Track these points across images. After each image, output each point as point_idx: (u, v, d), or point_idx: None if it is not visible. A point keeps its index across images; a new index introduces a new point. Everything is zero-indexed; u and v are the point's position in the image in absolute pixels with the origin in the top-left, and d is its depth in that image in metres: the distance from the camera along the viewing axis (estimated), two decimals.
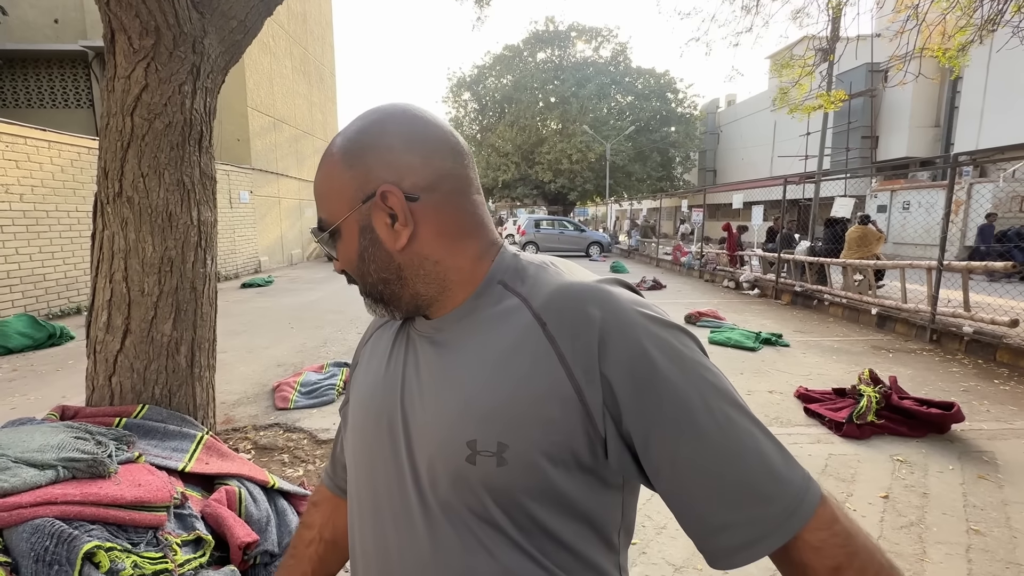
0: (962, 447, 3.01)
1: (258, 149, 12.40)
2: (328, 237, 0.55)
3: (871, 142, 17.01)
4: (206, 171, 2.28)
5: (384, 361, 0.59)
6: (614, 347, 0.45)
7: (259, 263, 12.40)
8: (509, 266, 0.54)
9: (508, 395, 0.47)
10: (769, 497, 0.43)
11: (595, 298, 0.47)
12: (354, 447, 0.59)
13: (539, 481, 0.46)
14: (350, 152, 0.52)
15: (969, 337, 4.94)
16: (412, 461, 0.51)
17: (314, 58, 16.38)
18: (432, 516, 0.50)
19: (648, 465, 0.46)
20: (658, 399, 0.44)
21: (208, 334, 2.31)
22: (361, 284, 0.56)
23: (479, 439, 0.47)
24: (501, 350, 0.49)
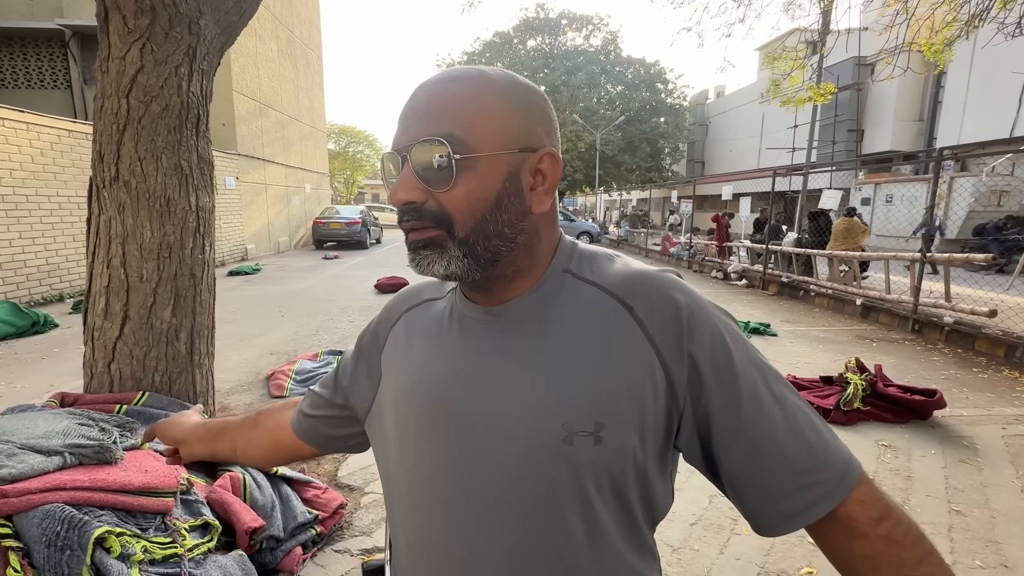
0: (943, 432, 3.12)
1: (244, 134, 12.15)
2: (454, 160, 0.46)
3: (857, 135, 17.24)
4: (204, 155, 2.25)
5: (434, 348, 0.56)
6: (698, 330, 0.49)
7: (246, 251, 12.22)
8: (572, 255, 0.56)
9: (602, 376, 0.48)
10: (825, 463, 0.48)
11: (675, 285, 0.51)
12: (406, 438, 0.55)
13: (630, 459, 0.49)
14: (517, 96, 0.50)
15: (949, 327, 5.10)
16: (496, 451, 0.50)
17: (300, 41, 16.04)
18: (523, 504, 0.49)
19: (718, 440, 0.49)
20: (733, 378, 0.49)
21: (207, 321, 2.29)
22: (468, 230, 0.48)
23: (575, 421, 0.47)
24: (588, 334, 0.50)
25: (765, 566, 1.95)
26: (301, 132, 16.20)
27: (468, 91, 0.48)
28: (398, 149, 0.49)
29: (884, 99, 16.45)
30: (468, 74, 0.50)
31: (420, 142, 0.47)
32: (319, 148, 18.47)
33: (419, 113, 0.49)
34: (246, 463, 0.77)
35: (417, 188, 0.48)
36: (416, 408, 0.54)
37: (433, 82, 0.50)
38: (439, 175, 0.47)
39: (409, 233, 0.51)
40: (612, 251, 0.58)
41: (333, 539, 2.01)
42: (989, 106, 12.90)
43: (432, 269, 0.50)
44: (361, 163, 37.95)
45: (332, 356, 4.19)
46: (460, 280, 0.52)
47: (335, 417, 0.68)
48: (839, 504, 0.48)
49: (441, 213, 0.49)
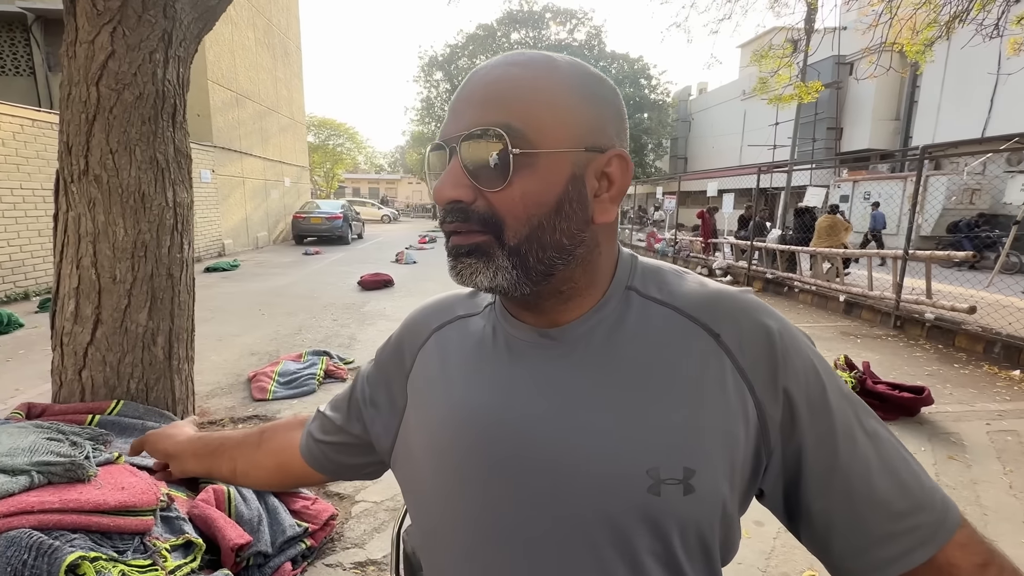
0: (931, 429, 3.16)
1: (220, 126, 11.78)
2: (511, 155, 0.40)
3: (836, 133, 17.55)
4: (181, 148, 2.12)
5: (478, 375, 0.48)
6: (793, 362, 0.44)
7: (223, 246, 11.88)
8: (633, 269, 0.49)
9: (690, 414, 0.42)
10: (922, 504, 0.44)
11: (763, 309, 0.46)
12: (450, 479, 0.47)
13: (719, 509, 0.43)
14: (587, 87, 0.43)
15: (930, 323, 5.19)
16: (566, 501, 0.42)
17: (278, 30, 15.60)
18: (601, 564, 0.42)
19: (808, 483, 0.44)
20: (828, 415, 0.44)
21: (186, 324, 2.17)
22: (521, 237, 0.42)
23: (661, 466, 0.41)
24: (669, 364, 0.44)
25: (767, 570, 1.92)
26: (279, 124, 15.79)
27: (531, 78, 0.42)
28: (446, 140, 0.43)
29: (862, 98, 16.76)
30: (532, 59, 0.43)
31: (472, 133, 0.41)
32: (298, 141, 18.05)
33: (473, 100, 0.42)
34: (247, 485, 0.70)
35: (465, 185, 0.42)
36: (464, 447, 0.46)
37: (492, 66, 0.43)
38: (492, 172, 0.41)
39: (451, 236, 0.44)
40: (675, 266, 0.52)
41: (324, 552, 1.92)
42: (962, 106, 13.24)
43: (475, 280, 0.43)
44: (341, 156, 37.29)
45: (317, 357, 4.06)
46: (505, 294, 0.45)
47: (349, 444, 0.60)
48: (939, 550, 0.43)
49: (491, 216, 0.42)
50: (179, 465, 0.73)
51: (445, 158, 0.43)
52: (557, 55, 0.44)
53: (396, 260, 10.98)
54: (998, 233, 9.44)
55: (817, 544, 0.46)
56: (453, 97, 0.45)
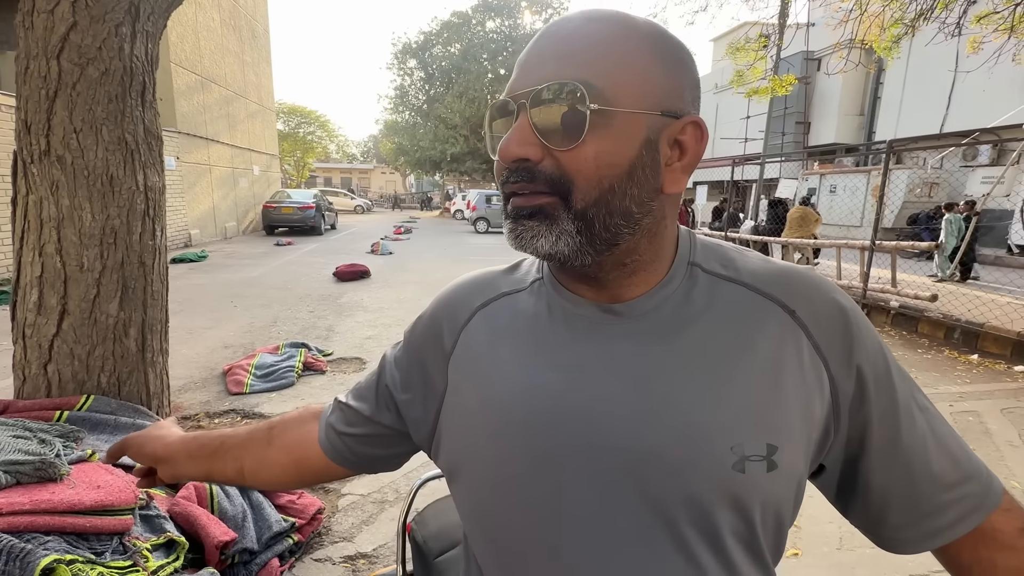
0: None
1: (184, 111, 11.28)
2: (588, 111, 0.38)
3: (804, 128, 18.03)
4: (151, 129, 2.01)
5: (539, 355, 0.45)
6: (863, 338, 0.44)
7: (189, 236, 11.44)
8: (693, 244, 0.48)
9: (770, 390, 0.41)
10: (969, 475, 0.45)
11: (834, 287, 0.46)
12: (513, 466, 0.44)
13: (796, 485, 0.42)
14: (666, 49, 0.41)
15: (895, 311, 5.41)
16: (649, 481, 0.41)
17: (245, 12, 15.00)
18: (684, 543, 0.41)
19: (871, 457, 0.45)
20: (892, 391, 0.45)
21: (160, 315, 2.07)
22: (589, 200, 0.40)
23: (745, 443, 0.40)
24: (743, 340, 0.43)
25: None
26: (248, 110, 15.24)
27: (610, 34, 0.40)
28: (514, 96, 0.40)
29: (829, 93, 17.24)
30: (610, 16, 0.41)
31: (546, 87, 0.38)
32: (267, 127, 17.47)
33: (546, 54, 0.39)
34: (258, 486, 0.65)
35: (534, 144, 0.39)
36: (530, 433, 0.44)
37: (568, 20, 0.41)
38: (566, 129, 0.38)
39: (512, 198, 0.42)
40: (731, 243, 0.51)
41: (312, 547, 1.88)
42: (922, 102, 13.76)
43: (535, 244, 0.41)
44: (312, 145, 36.30)
45: (294, 349, 3.96)
46: (564, 262, 0.42)
47: (378, 435, 0.56)
48: (986, 517, 0.45)
49: (559, 176, 0.40)
50: (171, 469, 0.67)
51: (513, 114, 0.41)
52: (637, 15, 0.42)
53: (371, 251, 10.79)
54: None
55: (871, 518, 0.47)
56: (523, 53, 0.42)
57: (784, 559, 1.91)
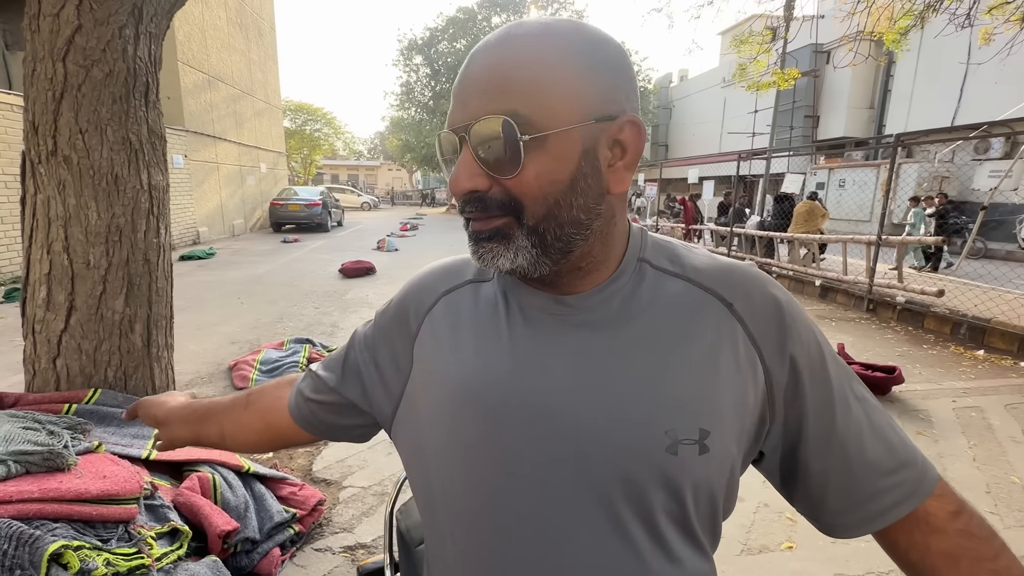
0: (901, 407, 3.28)
1: (192, 109, 11.39)
2: (521, 143, 0.40)
3: (813, 121, 17.83)
4: (155, 129, 2.04)
5: (494, 341, 0.48)
6: (797, 329, 0.47)
7: (197, 234, 11.57)
8: (644, 242, 0.50)
9: (705, 378, 0.44)
10: (905, 462, 0.48)
11: (771, 281, 0.48)
12: (463, 444, 0.47)
13: (728, 469, 0.45)
14: (591, 52, 0.42)
15: (901, 306, 5.37)
16: (587, 462, 0.43)
17: (251, 10, 15.08)
18: (618, 519, 0.43)
19: (809, 445, 0.47)
20: (827, 380, 0.47)
21: (164, 311, 2.11)
22: (539, 217, 0.42)
23: (679, 427, 0.42)
24: (685, 331, 0.45)
25: (748, 543, 1.99)
26: (254, 108, 15.34)
27: (531, 55, 0.41)
28: (455, 129, 0.43)
29: (839, 87, 17.03)
30: (530, 32, 0.42)
31: (479, 122, 0.40)
32: (274, 125, 17.58)
33: (476, 86, 0.41)
34: (236, 449, 0.68)
35: (479, 175, 0.42)
36: (482, 412, 0.46)
37: (490, 45, 0.42)
38: (504, 159, 0.41)
39: (471, 222, 0.45)
40: (680, 240, 0.54)
41: (313, 537, 1.92)
42: (933, 95, 13.56)
43: (496, 262, 0.44)
44: (319, 142, 36.45)
45: (299, 344, 4.01)
46: (526, 275, 0.45)
47: (341, 405, 0.59)
48: (922, 503, 0.47)
49: (508, 200, 0.42)
50: (168, 432, 0.72)
51: (456, 146, 0.43)
52: (557, 21, 0.43)
53: (377, 248, 10.86)
54: (965, 219, 9.76)
55: (812, 503, 0.49)
56: (457, 79, 0.44)
57: (778, 552, 1.93)
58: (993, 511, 2.20)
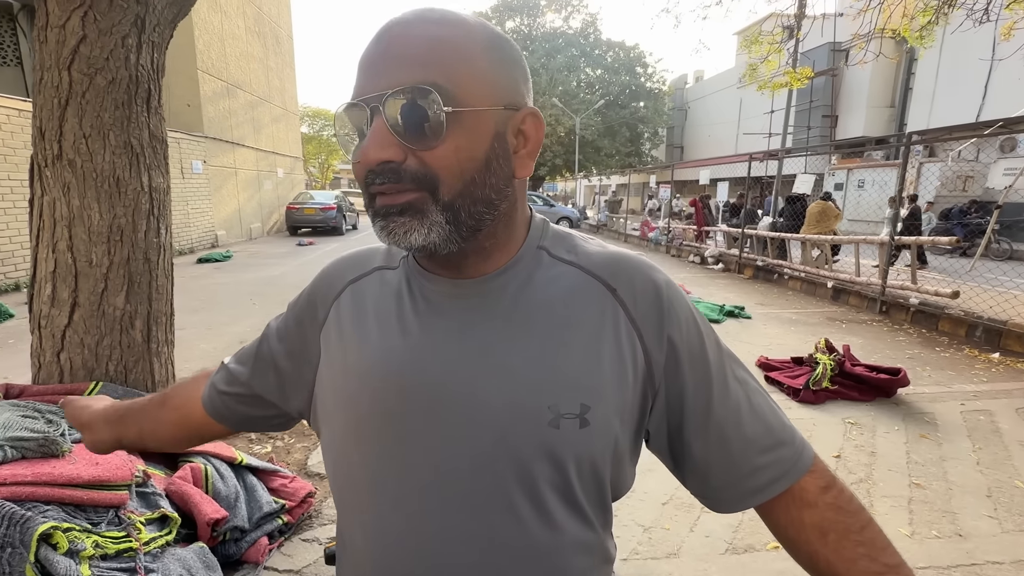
0: (906, 409, 3.22)
1: (211, 116, 11.70)
2: (443, 113, 0.40)
3: (831, 121, 17.51)
4: (156, 133, 2.13)
5: (395, 326, 0.50)
6: (676, 313, 0.49)
7: (216, 237, 11.86)
8: (545, 232, 0.53)
9: (586, 357, 0.47)
10: (784, 441, 0.51)
11: (653, 268, 0.51)
12: (366, 425, 0.49)
13: (611, 443, 0.47)
14: (500, 47, 0.45)
15: (915, 308, 5.25)
16: (477, 435, 0.46)
17: (269, 18, 15.45)
18: (504, 489, 0.45)
19: (690, 422, 0.50)
20: (705, 362, 0.50)
21: (164, 307, 2.19)
22: (455, 192, 0.43)
23: (560, 402, 0.45)
24: (571, 314, 0.48)
25: (733, 542, 1.98)
26: (272, 114, 15.69)
27: (451, 37, 0.42)
28: (365, 99, 0.42)
29: (858, 85, 16.70)
30: (447, 17, 0.43)
31: (400, 91, 0.40)
32: (291, 131, 17.94)
33: (393, 57, 0.41)
34: (154, 447, 0.69)
35: (394, 145, 0.42)
36: (380, 394, 0.48)
37: (407, 22, 0.42)
38: (424, 130, 0.41)
39: (378, 197, 0.44)
40: (582, 233, 0.56)
41: (301, 528, 1.97)
42: (957, 92, 13.21)
43: (408, 238, 0.43)
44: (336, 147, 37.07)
45: None
46: (435, 251, 0.45)
47: (254, 396, 0.60)
48: (798, 480, 0.50)
49: (424, 173, 0.42)
50: (92, 435, 0.69)
51: (366, 119, 0.42)
52: (469, 15, 0.45)
53: None
54: (988, 220, 9.47)
55: (698, 480, 0.52)
56: (364, 53, 0.43)
57: (764, 551, 1.92)
58: (992, 515, 2.15)
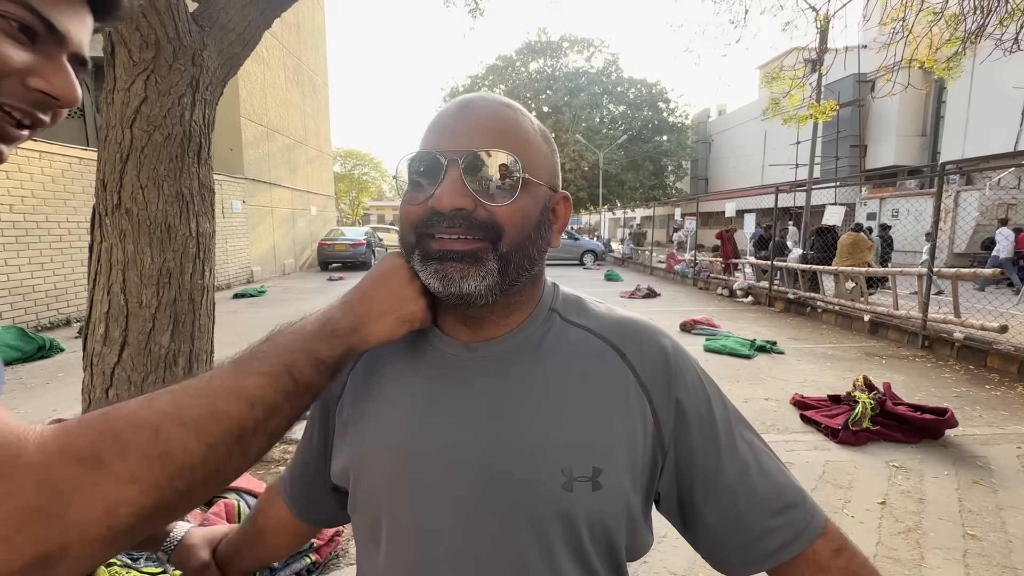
0: (956, 452, 3.04)
1: (251, 159, 12.38)
2: (522, 177, 0.47)
3: (860, 151, 17.27)
4: (205, 182, 2.28)
5: (416, 393, 0.52)
6: (684, 375, 0.52)
7: (251, 273, 12.33)
8: (556, 295, 0.57)
9: (598, 420, 0.49)
10: (795, 502, 0.51)
11: (661, 332, 0.55)
12: (381, 492, 0.50)
13: (623, 506, 0.48)
14: (548, 140, 0.54)
15: (960, 343, 5.01)
16: (489, 498, 0.47)
17: (307, 68, 16.43)
18: (522, 553, 0.46)
19: (699, 484, 0.51)
20: (713, 423, 0.52)
21: (206, 346, 2.30)
22: (513, 245, 0.47)
23: (574, 465, 0.46)
24: (582, 377, 0.50)
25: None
26: (307, 155, 16.47)
27: (521, 122, 0.50)
28: (444, 152, 0.47)
29: (886, 115, 16.52)
30: (513, 105, 0.52)
31: (486, 152, 0.47)
32: (325, 171, 18.76)
33: (480, 126, 0.48)
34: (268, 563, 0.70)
35: (468, 196, 0.46)
36: (400, 456, 0.50)
37: (488, 101, 0.51)
38: (501, 187, 0.47)
39: (437, 240, 0.47)
40: (590, 297, 0.59)
41: (328, 568, 1.97)
42: (991, 120, 12.91)
43: (463, 284, 0.47)
44: (367, 185, 38.50)
45: None
46: (476, 302, 0.48)
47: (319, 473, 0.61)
48: (811, 544, 0.50)
49: (492, 224, 0.47)
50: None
51: (440, 169, 0.47)
52: (521, 112, 0.52)
53: None
54: None
55: (708, 543, 0.52)
56: (443, 117, 0.49)
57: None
58: None
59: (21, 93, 0.40)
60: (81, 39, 0.43)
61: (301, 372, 0.44)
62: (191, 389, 0.40)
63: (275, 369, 0.43)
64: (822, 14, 6.37)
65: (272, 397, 0.42)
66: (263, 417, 0.41)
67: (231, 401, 0.40)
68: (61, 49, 0.42)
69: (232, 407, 0.40)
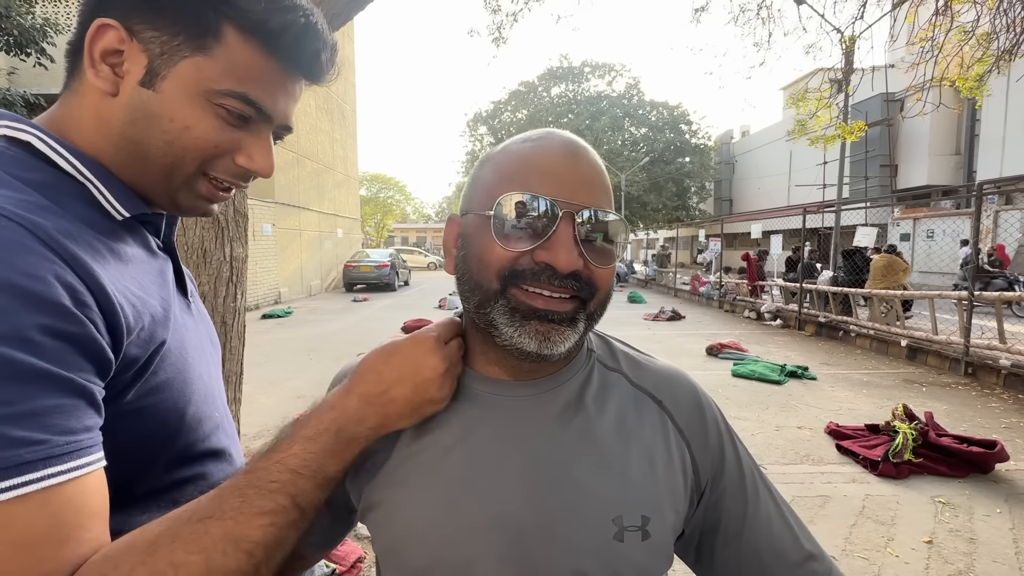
0: (1009, 488, 2.85)
1: (281, 183, 12.81)
2: (622, 241, 0.47)
3: (890, 170, 16.89)
4: (239, 208, 2.36)
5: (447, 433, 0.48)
6: (717, 423, 0.53)
7: (279, 294, 12.63)
8: (590, 339, 0.55)
9: (644, 468, 0.48)
10: (814, 555, 0.50)
11: (689, 379, 0.55)
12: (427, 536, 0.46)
13: (668, 553, 0.48)
14: None
15: (1007, 370, 4.75)
16: (538, 550, 0.44)
17: (336, 97, 17.06)
18: None
19: (726, 528, 0.51)
20: (740, 468, 0.52)
21: (236, 368, 2.34)
22: (599, 305, 0.46)
23: (624, 514, 0.45)
24: (624, 425, 0.50)
25: None
26: (335, 180, 16.96)
27: (602, 174, 0.48)
28: (563, 204, 0.43)
29: (917, 134, 16.17)
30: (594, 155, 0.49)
31: (604, 212, 0.45)
32: (351, 195, 19.27)
33: (592, 180, 0.46)
34: None
35: (582, 256, 0.43)
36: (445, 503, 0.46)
37: (590, 150, 0.47)
38: (605, 251, 0.45)
39: (554, 300, 0.43)
40: (624, 341, 0.58)
41: None
42: None
43: (561, 346, 0.44)
44: (391, 208, 39.36)
45: None
46: (553, 358, 0.44)
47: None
48: None
49: (590, 283, 0.44)
50: None
51: (553, 220, 0.42)
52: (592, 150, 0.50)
53: (439, 306, 11.27)
54: None
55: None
56: (552, 161, 0.45)
57: None
58: None
59: (231, 169, 0.49)
60: (287, 112, 0.51)
61: (307, 499, 0.42)
62: (189, 541, 0.38)
63: (279, 505, 0.41)
64: (847, 35, 6.33)
65: (275, 535, 0.40)
66: (264, 557, 0.40)
67: (229, 554, 0.38)
68: (269, 126, 0.50)
69: (230, 561, 0.38)
